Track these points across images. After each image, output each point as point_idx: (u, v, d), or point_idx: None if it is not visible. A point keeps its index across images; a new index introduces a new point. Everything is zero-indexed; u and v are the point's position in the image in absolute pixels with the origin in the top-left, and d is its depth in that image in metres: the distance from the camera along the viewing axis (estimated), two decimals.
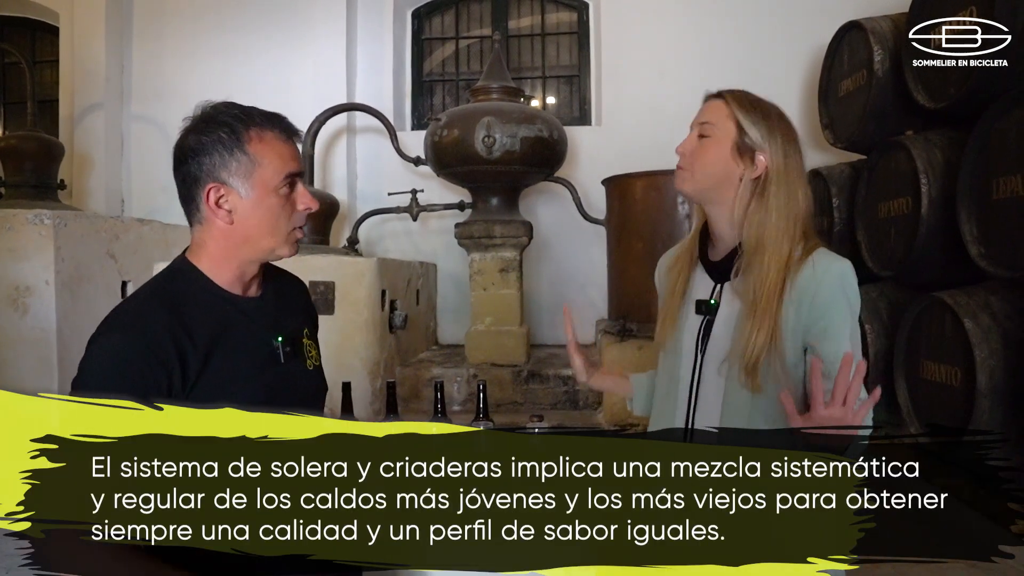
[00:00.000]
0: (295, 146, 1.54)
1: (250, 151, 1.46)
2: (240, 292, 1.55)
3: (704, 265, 1.69)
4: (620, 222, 5.33)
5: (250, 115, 1.49)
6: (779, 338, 1.52)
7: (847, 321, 1.54)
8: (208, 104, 1.51)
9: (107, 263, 5.19)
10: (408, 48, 7.52)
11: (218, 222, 1.48)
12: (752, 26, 6.67)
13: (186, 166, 1.48)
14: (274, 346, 1.55)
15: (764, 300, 1.53)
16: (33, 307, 4.72)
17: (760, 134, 1.58)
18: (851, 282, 1.56)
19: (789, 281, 1.54)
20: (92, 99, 7.13)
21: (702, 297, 1.65)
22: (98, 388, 1.32)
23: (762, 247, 1.56)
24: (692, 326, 1.66)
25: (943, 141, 3.96)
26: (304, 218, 1.56)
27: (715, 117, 1.62)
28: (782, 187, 1.58)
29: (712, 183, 1.61)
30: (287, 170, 1.49)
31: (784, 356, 1.53)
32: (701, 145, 1.62)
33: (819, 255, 1.56)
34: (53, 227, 4.74)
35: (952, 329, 3.49)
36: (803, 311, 1.53)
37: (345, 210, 6.77)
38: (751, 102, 1.62)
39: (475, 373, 5.61)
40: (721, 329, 1.61)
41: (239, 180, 1.46)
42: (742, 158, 1.59)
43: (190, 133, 1.48)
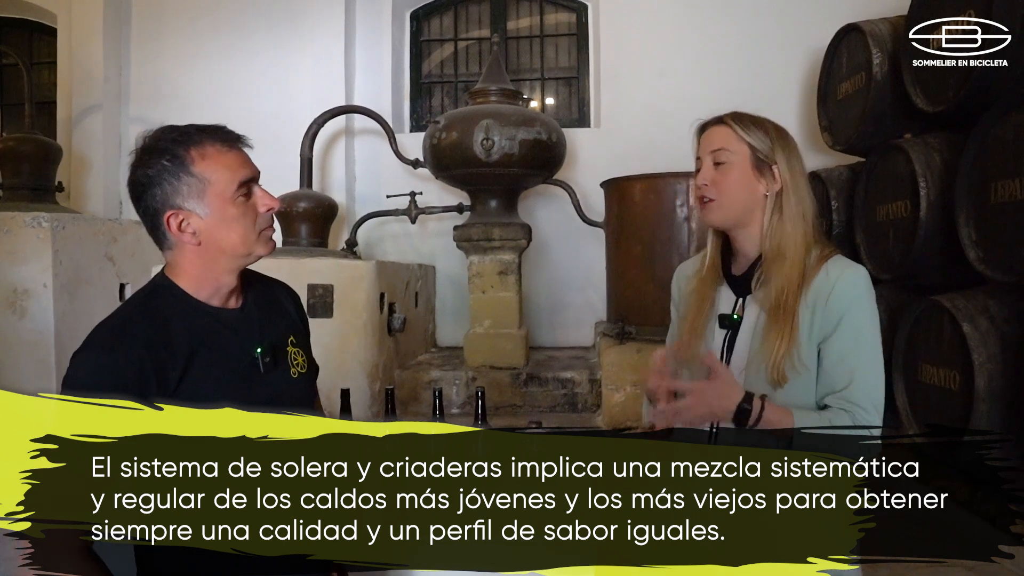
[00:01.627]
0: (241, 152, 1.53)
1: (196, 171, 1.47)
2: (220, 304, 1.56)
3: (728, 280, 1.71)
4: (619, 225, 5.33)
5: (187, 135, 1.49)
6: (798, 340, 1.55)
7: (860, 326, 1.56)
8: (147, 133, 1.51)
9: (105, 265, 5.19)
10: (407, 50, 7.52)
11: (187, 245, 1.50)
12: (751, 28, 6.67)
13: (142, 200, 1.49)
14: (254, 356, 1.56)
15: (785, 306, 1.56)
16: (31, 309, 4.72)
17: (768, 148, 1.62)
18: (864, 287, 1.58)
19: (805, 287, 1.58)
20: (90, 101, 7.11)
21: (725, 311, 1.68)
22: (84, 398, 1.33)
23: (782, 255, 1.59)
24: (717, 341, 1.68)
25: (941, 144, 3.97)
26: (271, 218, 1.56)
27: (725, 142, 1.64)
28: (792, 195, 1.61)
29: (741, 208, 1.64)
30: (237, 179, 1.49)
31: (802, 355, 1.55)
32: (721, 172, 1.64)
33: (834, 262, 1.60)
34: (51, 230, 4.73)
35: (950, 332, 3.49)
36: (817, 316, 1.56)
37: (343, 212, 6.76)
38: (751, 120, 1.65)
39: (474, 376, 5.60)
40: (744, 339, 1.64)
41: (194, 202, 1.47)
42: (762, 175, 1.62)
43: (136, 168, 1.49)
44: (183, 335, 1.47)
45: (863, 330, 1.56)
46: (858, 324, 1.55)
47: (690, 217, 4.84)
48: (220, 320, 1.54)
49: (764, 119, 1.66)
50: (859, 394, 1.53)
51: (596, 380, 5.44)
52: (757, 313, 1.62)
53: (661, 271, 4.99)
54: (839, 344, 1.55)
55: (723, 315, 1.67)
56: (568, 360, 6.14)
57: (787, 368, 1.54)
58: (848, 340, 1.55)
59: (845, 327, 1.55)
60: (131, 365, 1.39)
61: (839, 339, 1.55)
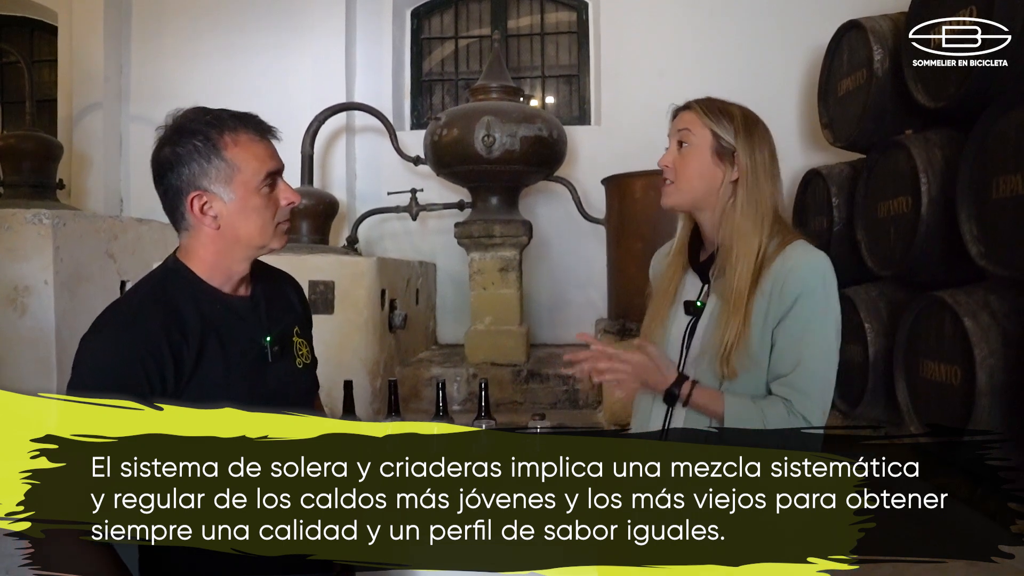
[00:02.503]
0: (270, 143, 1.54)
1: (227, 156, 1.47)
2: (230, 291, 1.56)
3: (694, 267, 1.73)
4: (619, 221, 5.33)
5: (221, 119, 1.50)
6: (748, 331, 1.56)
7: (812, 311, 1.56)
8: (177, 112, 1.52)
9: (106, 263, 5.18)
10: (407, 47, 7.51)
11: (205, 228, 1.50)
12: (752, 25, 6.66)
13: (166, 179, 1.49)
14: (263, 345, 1.56)
15: (736, 295, 1.57)
16: (32, 307, 4.71)
17: (731, 136, 1.63)
18: (820, 273, 1.58)
19: (762, 274, 1.58)
20: (91, 99, 7.11)
21: (690, 298, 1.70)
22: (93, 385, 1.34)
23: (733, 244, 1.61)
24: (680, 326, 1.70)
25: (943, 140, 3.96)
26: (288, 212, 1.57)
27: (690, 125, 1.67)
28: (749, 184, 1.62)
29: (698, 192, 1.66)
30: (266, 169, 1.50)
31: (751, 346, 1.56)
32: (682, 155, 1.67)
33: (792, 248, 1.60)
34: (52, 227, 4.73)
35: (952, 328, 3.49)
36: (773, 302, 1.57)
37: (344, 210, 6.76)
38: (718, 107, 1.67)
39: (475, 373, 5.60)
40: (703, 326, 1.66)
41: (220, 186, 1.47)
42: (722, 162, 1.64)
43: (164, 145, 1.49)
44: (195, 319, 1.48)
45: (815, 316, 1.56)
46: (810, 310, 1.55)
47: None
48: (230, 308, 1.54)
49: (735, 107, 1.68)
50: (803, 380, 1.53)
51: None
52: (716, 303, 1.64)
53: None
54: (789, 329, 1.56)
55: (688, 302, 1.69)
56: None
57: (737, 363, 1.55)
58: (798, 325, 1.55)
59: (797, 312, 1.55)
60: (148, 349, 1.39)
61: (790, 324, 1.55)
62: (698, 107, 1.67)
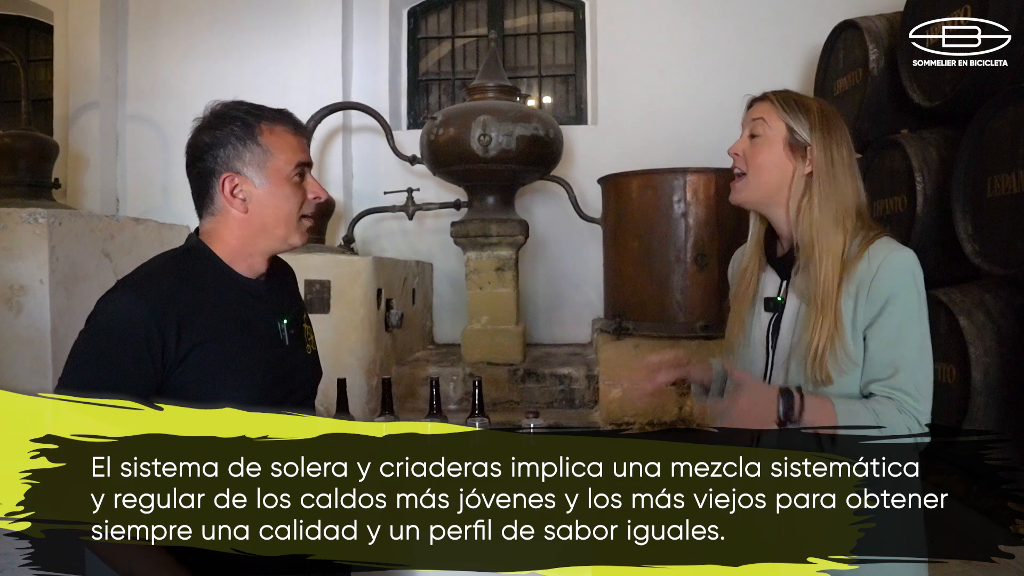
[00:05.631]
0: (303, 139, 1.59)
1: (263, 142, 1.51)
2: (250, 276, 1.58)
3: (771, 263, 1.69)
4: (616, 221, 5.33)
5: (260, 110, 1.55)
6: (841, 331, 1.51)
7: (905, 312, 1.51)
8: (218, 103, 1.56)
9: (102, 262, 5.17)
10: (404, 47, 7.51)
11: (233, 212, 1.52)
12: (748, 25, 6.67)
13: (201, 162, 1.52)
14: (279, 328, 1.59)
15: (822, 295, 1.52)
16: (27, 306, 4.70)
17: (806, 131, 1.59)
18: (910, 271, 1.53)
19: (846, 274, 1.53)
20: (87, 98, 7.10)
21: (770, 295, 1.66)
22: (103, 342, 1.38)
23: (812, 241, 1.56)
24: (762, 324, 1.66)
25: (938, 139, 3.97)
26: (313, 207, 1.61)
27: (764, 115, 1.63)
28: (826, 182, 1.58)
29: (771, 187, 1.62)
30: (297, 159, 1.55)
31: (847, 348, 1.51)
32: (754, 145, 1.63)
33: (876, 246, 1.54)
34: (47, 226, 4.71)
35: (947, 327, 3.49)
36: (860, 302, 1.52)
37: (341, 209, 6.76)
38: (794, 99, 1.63)
39: (471, 372, 5.60)
40: (787, 325, 1.62)
41: (253, 170, 1.51)
42: (794, 155, 1.60)
43: (203, 131, 1.53)
44: (213, 297, 1.49)
45: (909, 316, 1.50)
46: (903, 310, 1.50)
47: (687, 213, 4.84)
48: (249, 290, 1.56)
49: (812, 101, 1.64)
50: (906, 382, 1.48)
51: (593, 376, 5.44)
52: (798, 302, 1.59)
53: (658, 267, 4.99)
54: (883, 331, 1.50)
55: (768, 298, 1.65)
56: (565, 356, 6.14)
57: (831, 366, 1.50)
58: (892, 327, 1.49)
59: (889, 313, 1.50)
60: (157, 314, 1.40)
61: (883, 326, 1.50)
62: (775, 98, 1.63)
